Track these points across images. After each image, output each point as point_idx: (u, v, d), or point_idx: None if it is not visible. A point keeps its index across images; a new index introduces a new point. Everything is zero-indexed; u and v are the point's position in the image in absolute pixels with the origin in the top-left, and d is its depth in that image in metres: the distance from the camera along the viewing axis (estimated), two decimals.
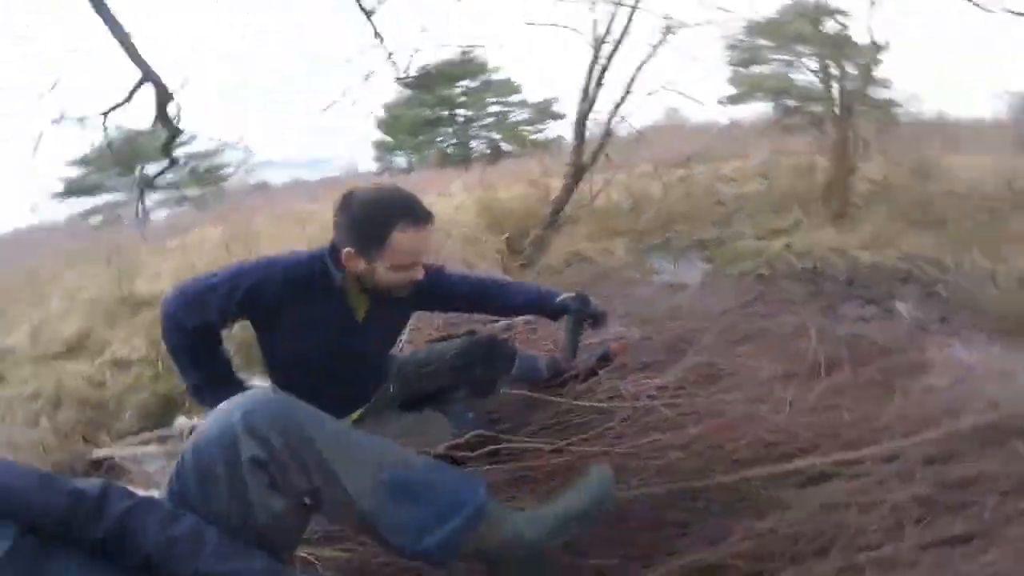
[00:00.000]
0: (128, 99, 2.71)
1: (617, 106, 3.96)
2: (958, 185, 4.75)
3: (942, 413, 1.30)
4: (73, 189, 11.71)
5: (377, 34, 2.77)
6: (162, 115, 2.78)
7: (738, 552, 0.92)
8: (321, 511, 0.75)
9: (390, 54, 2.77)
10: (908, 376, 1.53)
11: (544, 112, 18.75)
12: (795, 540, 0.95)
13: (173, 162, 3.44)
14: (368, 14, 2.73)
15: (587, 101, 3.90)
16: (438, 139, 19.01)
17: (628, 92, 3.92)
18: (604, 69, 3.81)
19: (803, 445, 1.19)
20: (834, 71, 4.84)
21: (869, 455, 1.17)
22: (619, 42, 3.72)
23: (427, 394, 1.40)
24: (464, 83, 18.36)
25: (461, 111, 19.01)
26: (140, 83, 2.64)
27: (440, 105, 16.31)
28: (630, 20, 3.63)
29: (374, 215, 1.04)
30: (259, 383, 1.43)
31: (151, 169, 4.57)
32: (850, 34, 5.79)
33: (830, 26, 5.63)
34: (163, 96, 2.70)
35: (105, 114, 2.79)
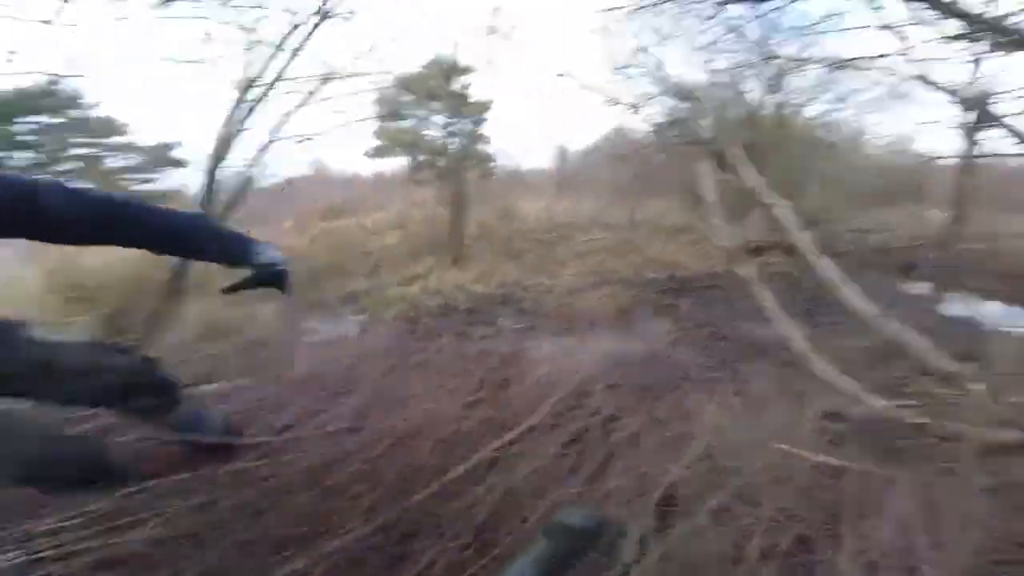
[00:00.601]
0: None
1: (261, 152, 3.77)
2: (529, 224, 6.66)
3: (547, 390, 1.70)
4: None
5: None
6: None
7: (467, 544, 1.04)
8: None
9: None
10: (519, 370, 2.16)
11: (158, 158, 15.91)
12: (502, 515, 1.12)
13: None
14: None
15: (223, 146, 3.59)
16: None
17: (272, 139, 3.77)
18: (249, 112, 3.60)
19: (471, 439, 1.43)
20: (452, 128, 5.93)
21: (516, 435, 1.46)
22: (271, 86, 3.59)
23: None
24: (39, 119, 13.90)
25: (18, 153, 14.29)
26: None
27: None
28: (287, 65, 3.57)
29: None
30: None
31: None
32: (468, 92, 7.18)
33: (458, 84, 6.86)
34: None
35: None
